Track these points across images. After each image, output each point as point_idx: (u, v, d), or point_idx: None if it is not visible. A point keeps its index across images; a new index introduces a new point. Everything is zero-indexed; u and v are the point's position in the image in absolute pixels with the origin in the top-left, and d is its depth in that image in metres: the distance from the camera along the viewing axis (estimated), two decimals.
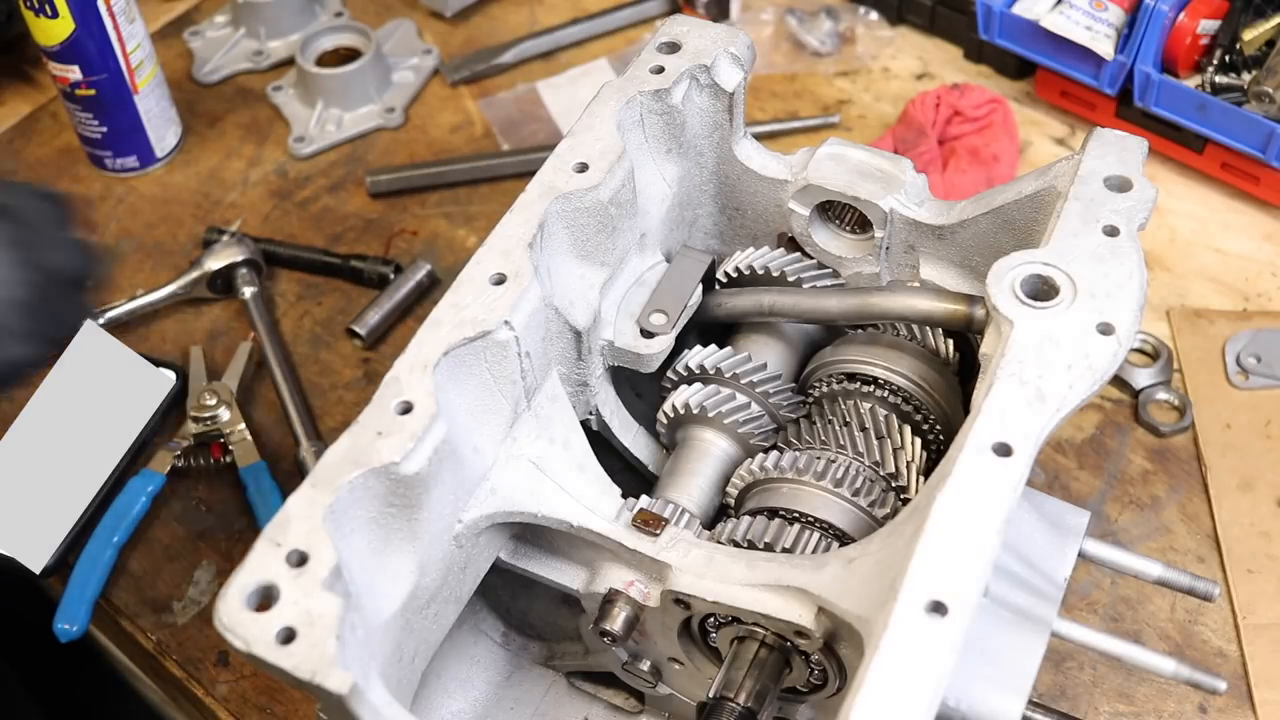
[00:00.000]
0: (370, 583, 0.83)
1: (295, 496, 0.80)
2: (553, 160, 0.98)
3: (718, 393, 1.02)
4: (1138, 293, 0.87)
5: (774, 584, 0.86)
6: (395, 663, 0.86)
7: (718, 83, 1.04)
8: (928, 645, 0.71)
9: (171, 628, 1.19)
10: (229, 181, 1.58)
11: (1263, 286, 1.41)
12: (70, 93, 1.49)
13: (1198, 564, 1.19)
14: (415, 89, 1.67)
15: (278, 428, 1.33)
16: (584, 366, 1.00)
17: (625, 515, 0.92)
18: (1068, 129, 1.57)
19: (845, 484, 0.94)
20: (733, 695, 0.87)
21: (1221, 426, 1.28)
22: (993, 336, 0.87)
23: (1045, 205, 0.97)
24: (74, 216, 0.99)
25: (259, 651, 0.74)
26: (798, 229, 1.08)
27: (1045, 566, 0.90)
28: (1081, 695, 1.11)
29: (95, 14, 1.42)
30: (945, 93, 1.51)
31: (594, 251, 0.99)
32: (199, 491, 1.28)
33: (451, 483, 0.88)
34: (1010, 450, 0.79)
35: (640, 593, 0.92)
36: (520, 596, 1.08)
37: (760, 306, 1.05)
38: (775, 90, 1.64)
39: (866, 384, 1.03)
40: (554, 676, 1.10)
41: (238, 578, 0.77)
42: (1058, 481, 1.25)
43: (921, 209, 1.03)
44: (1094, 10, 1.44)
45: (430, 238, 1.50)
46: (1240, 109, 1.38)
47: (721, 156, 1.08)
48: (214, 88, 1.70)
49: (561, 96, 1.66)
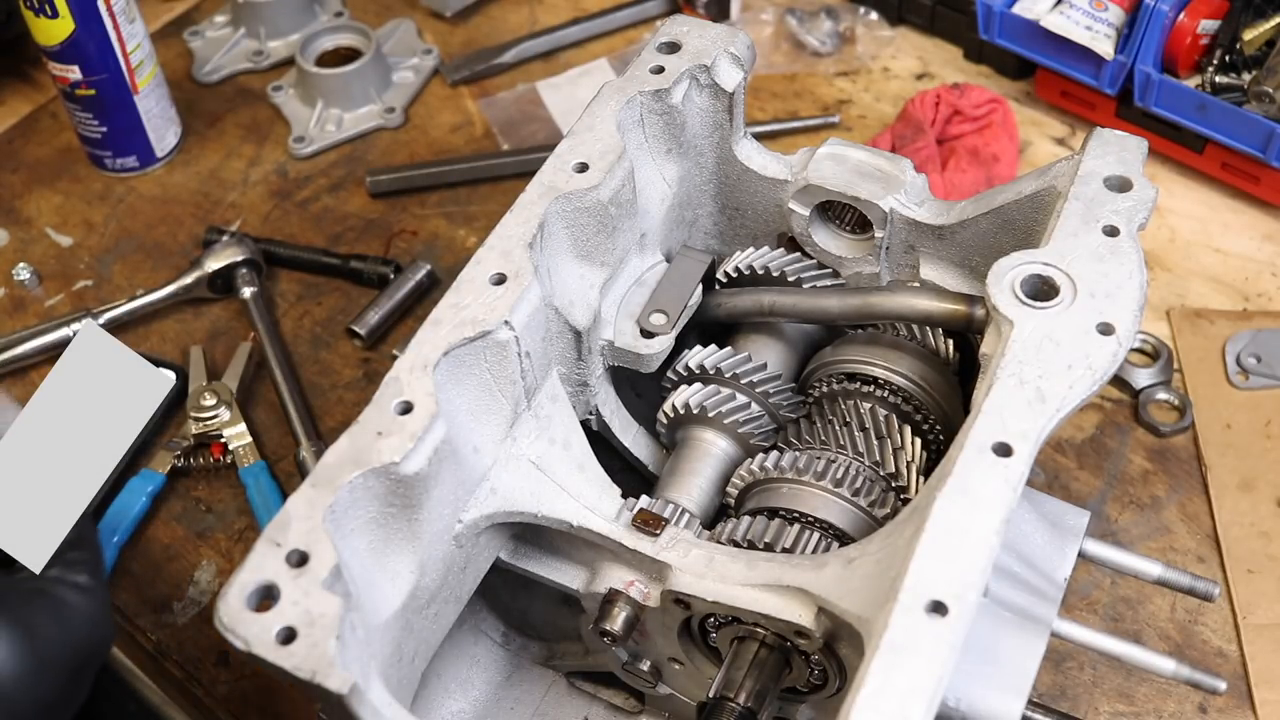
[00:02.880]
0: (370, 583, 0.83)
1: (295, 496, 0.80)
2: (553, 160, 0.98)
3: (718, 393, 1.02)
4: (1138, 293, 0.87)
5: (774, 584, 0.86)
6: (395, 663, 0.86)
7: (718, 83, 1.04)
8: (928, 645, 0.71)
9: (171, 628, 1.19)
10: (229, 181, 1.58)
11: (1263, 286, 1.41)
12: (70, 93, 1.49)
13: (1198, 564, 1.19)
14: (415, 89, 1.67)
15: (278, 428, 1.33)
16: (584, 366, 1.00)
17: (625, 515, 0.92)
18: (1068, 129, 1.57)
19: (845, 484, 0.94)
20: (733, 695, 0.87)
21: (1221, 426, 1.28)
22: (993, 336, 0.87)
23: (1045, 205, 0.97)
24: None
25: (259, 651, 0.74)
26: (798, 229, 1.08)
27: (1045, 566, 0.90)
28: (1081, 695, 1.11)
29: (95, 14, 1.42)
30: (945, 92, 1.51)
31: (594, 251, 0.99)
32: (199, 491, 1.28)
33: (451, 483, 0.88)
34: (1010, 450, 0.79)
35: (640, 593, 0.92)
36: (520, 596, 1.08)
37: (760, 306, 1.05)
38: (775, 90, 1.64)
39: (867, 384, 1.03)
40: (554, 676, 1.10)
41: (238, 578, 0.77)
42: (1058, 481, 1.25)
43: (921, 209, 1.03)
44: (1094, 10, 1.44)
45: (430, 238, 1.50)
46: (1240, 109, 1.38)
47: (721, 156, 1.08)
48: (214, 88, 1.70)
49: (561, 96, 1.66)
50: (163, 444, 1.29)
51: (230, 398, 1.32)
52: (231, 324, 1.42)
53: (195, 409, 1.30)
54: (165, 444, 1.29)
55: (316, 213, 1.54)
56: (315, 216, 1.53)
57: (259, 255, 1.43)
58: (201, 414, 1.30)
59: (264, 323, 1.39)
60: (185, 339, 1.41)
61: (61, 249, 1.51)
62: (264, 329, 1.38)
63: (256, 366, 1.37)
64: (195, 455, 1.29)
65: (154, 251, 1.50)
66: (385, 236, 1.50)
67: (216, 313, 1.43)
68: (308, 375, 1.37)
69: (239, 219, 1.53)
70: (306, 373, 1.37)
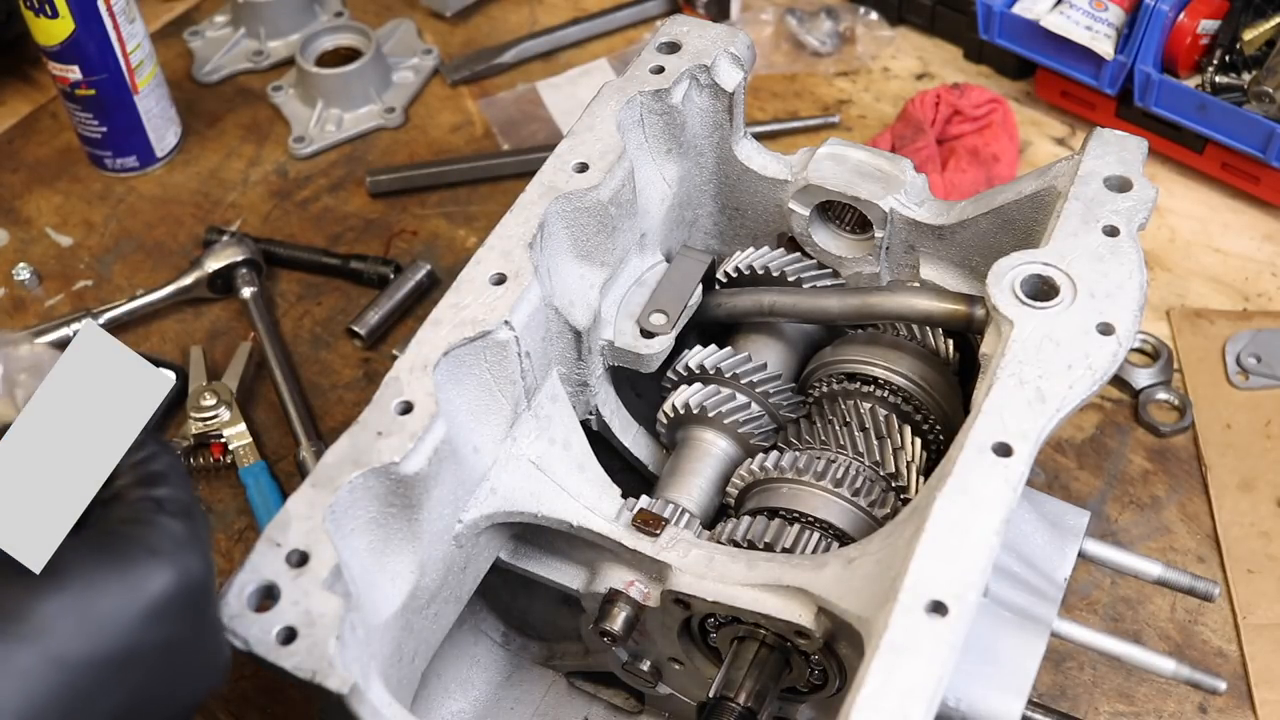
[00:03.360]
0: (370, 583, 0.83)
1: (295, 496, 0.80)
2: (553, 160, 0.98)
3: (718, 393, 1.02)
4: (1138, 293, 0.87)
5: (774, 584, 0.86)
6: (395, 663, 0.86)
7: (718, 83, 1.04)
8: (928, 645, 0.71)
9: None
10: (229, 181, 1.58)
11: (1263, 286, 1.41)
12: (70, 93, 1.49)
13: (1198, 564, 1.19)
14: (415, 89, 1.67)
15: (278, 428, 1.33)
16: (584, 366, 1.00)
17: (625, 515, 0.92)
18: (1068, 129, 1.57)
19: (845, 484, 0.94)
20: (733, 695, 0.87)
21: (1221, 426, 1.28)
22: (993, 336, 0.87)
23: (1045, 205, 0.97)
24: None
25: (259, 651, 0.74)
26: (798, 229, 1.08)
27: (1045, 566, 0.90)
28: (1081, 695, 1.11)
29: (95, 14, 1.42)
30: (945, 92, 1.51)
31: (594, 251, 0.99)
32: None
33: (451, 483, 0.88)
34: (1010, 450, 0.79)
35: (640, 593, 0.92)
36: (520, 596, 1.08)
37: (760, 306, 1.05)
38: (775, 90, 1.64)
39: (866, 384, 1.03)
40: (554, 676, 1.10)
41: (238, 578, 0.77)
42: (1058, 481, 1.25)
43: (921, 209, 1.03)
44: (1094, 10, 1.44)
45: (430, 238, 1.50)
46: (1240, 109, 1.38)
47: (721, 156, 1.08)
48: (214, 88, 1.70)
49: (561, 96, 1.66)
50: None
51: (230, 398, 1.32)
52: (231, 324, 1.42)
53: (195, 409, 1.30)
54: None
55: (316, 213, 1.54)
56: (315, 216, 1.53)
57: (259, 255, 1.43)
58: (201, 414, 1.30)
59: (264, 323, 1.39)
60: (185, 339, 1.41)
61: (61, 249, 1.51)
62: (264, 329, 1.38)
63: (256, 366, 1.37)
64: (195, 455, 1.29)
65: (154, 251, 1.50)
66: (385, 236, 1.50)
67: (216, 313, 1.43)
68: (308, 375, 1.37)
69: (239, 219, 1.53)
70: (306, 373, 1.37)
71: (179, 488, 0.72)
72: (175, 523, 0.69)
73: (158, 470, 0.73)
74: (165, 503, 0.71)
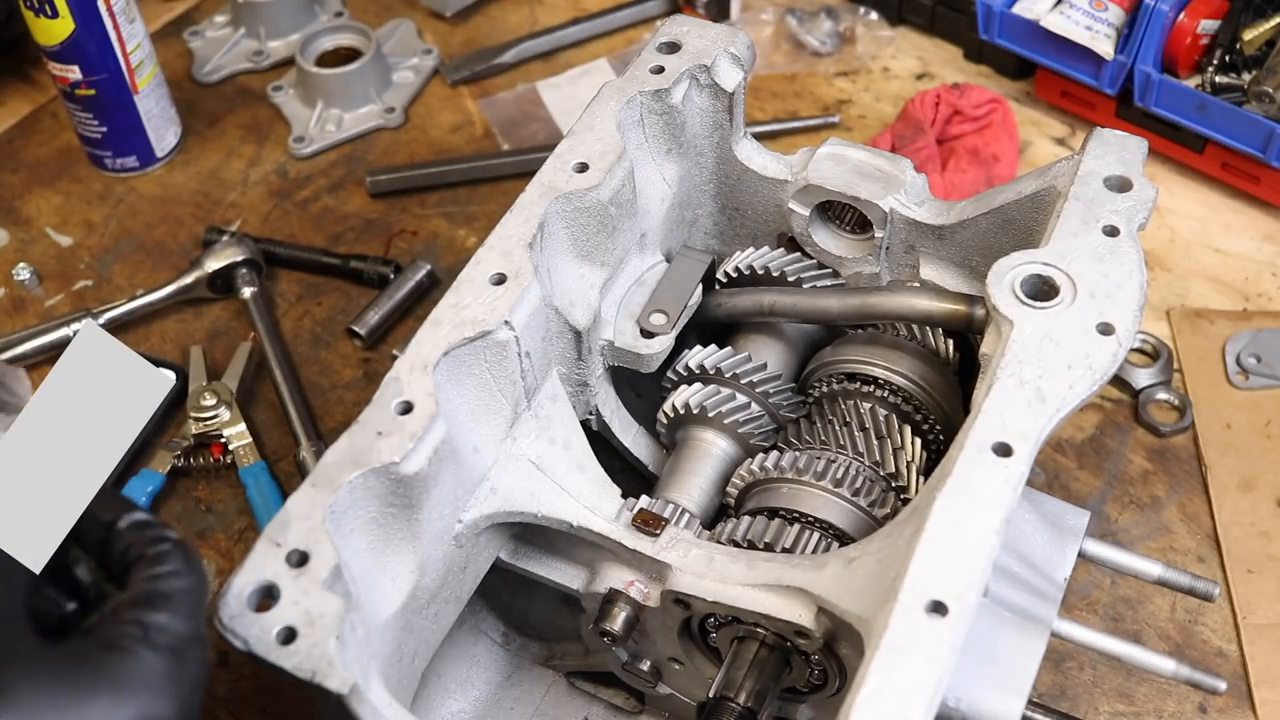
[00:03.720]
0: (370, 583, 0.83)
1: (295, 496, 0.80)
2: (553, 160, 0.98)
3: (718, 393, 1.02)
4: (1138, 293, 0.87)
5: (774, 584, 0.86)
6: (395, 663, 0.86)
7: (718, 83, 1.04)
8: (928, 645, 0.71)
9: None
10: (229, 181, 1.58)
11: (1263, 286, 1.41)
12: (70, 93, 1.49)
13: (1198, 564, 1.19)
14: (415, 89, 1.67)
15: (278, 428, 1.33)
16: (584, 366, 1.00)
17: (625, 515, 0.92)
18: (1068, 129, 1.57)
19: (845, 484, 0.94)
20: (733, 695, 0.87)
21: (1221, 426, 1.28)
22: (993, 336, 0.87)
23: (1045, 205, 0.97)
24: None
25: (259, 651, 0.74)
26: (798, 229, 1.08)
27: (1045, 566, 0.90)
28: (1081, 695, 1.11)
29: (95, 14, 1.42)
30: (945, 92, 1.51)
31: (594, 251, 0.99)
32: (199, 491, 1.28)
33: (451, 483, 0.88)
34: (1010, 450, 0.79)
35: (640, 593, 0.92)
36: (520, 596, 1.08)
37: (760, 306, 1.05)
38: (775, 90, 1.64)
39: (866, 384, 1.03)
40: (554, 676, 1.10)
41: (238, 578, 0.77)
42: (1058, 481, 1.25)
43: (921, 209, 1.03)
44: (1094, 10, 1.44)
45: (430, 238, 1.50)
46: (1240, 109, 1.38)
47: (721, 156, 1.08)
48: (214, 88, 1.69)
49: (561, 96, 1.66)
50: (163, 444, 1.29)
51: (230, 398, 1.32)
52: (231, 324, 1.42)
53: (195, 409, 1.30)
54: (165, 444, 1.29)
55: (316, 213, 1.54)
56: (315, 216, 1.53)
57: (259, 255, 1.43)
58: (201, 414, 1.30)
59: (264, 323, 1.39)
60: (185, 339, 1.41)
61: (61, 249, 1.51)
62: (264, 329, 1.38)
63: (256, 366, 1.37)
64: (195, 455, 1.29)
65: (154, 251, 1.50)
66: (385, 236, 1.50)
67: (216, 313, 1.43)
68: (308, 375, 1.37)
69: (239, 219, 1.53)
70: (306, 373, 1.37)
71: (181, 616, 0.67)
72: (156, 658, 0.64)
73: (164, 591, 0.68)
74: (155, 632, 0.65)
